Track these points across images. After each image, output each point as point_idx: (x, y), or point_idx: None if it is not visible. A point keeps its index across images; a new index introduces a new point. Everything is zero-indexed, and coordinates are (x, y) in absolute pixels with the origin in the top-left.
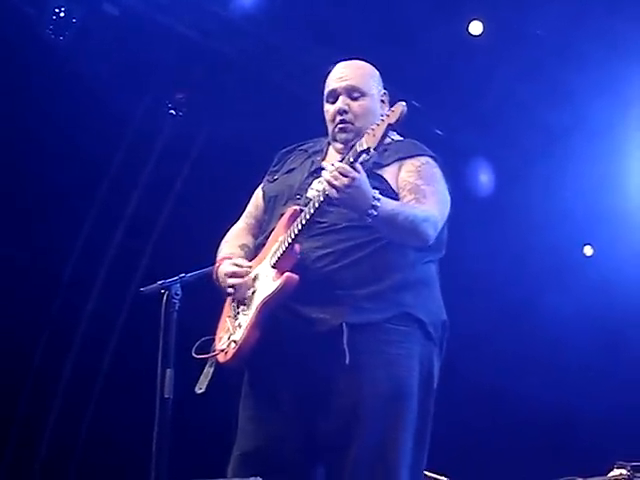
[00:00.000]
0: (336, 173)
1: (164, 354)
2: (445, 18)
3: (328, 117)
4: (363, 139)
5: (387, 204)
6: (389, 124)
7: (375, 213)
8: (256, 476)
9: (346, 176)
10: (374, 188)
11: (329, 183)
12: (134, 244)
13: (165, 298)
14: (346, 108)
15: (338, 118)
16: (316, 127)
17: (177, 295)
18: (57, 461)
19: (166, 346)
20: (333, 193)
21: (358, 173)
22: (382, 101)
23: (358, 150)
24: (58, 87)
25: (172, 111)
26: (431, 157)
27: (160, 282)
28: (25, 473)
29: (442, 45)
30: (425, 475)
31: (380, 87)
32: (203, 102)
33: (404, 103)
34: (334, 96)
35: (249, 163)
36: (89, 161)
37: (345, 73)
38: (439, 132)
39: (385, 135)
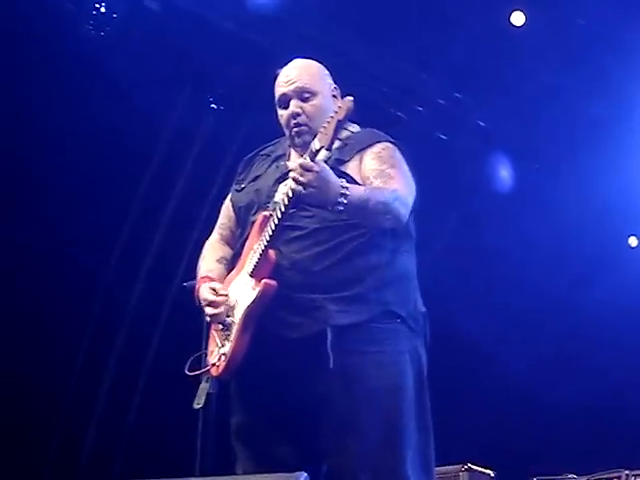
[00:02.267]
0: (300, 170)
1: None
2: (487, 9)
3: (283, 122)
4: (316, 139)
5: (355, 191)
6: (338, 120)
7: (345, 201)
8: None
9: (309, 170)
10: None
11: (295, 180)
12: (176, 240)
13: None
14: (299, 111)
15: (292, 122)
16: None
17: None
18: (102, 459)
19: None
20: (300, 190)
21: (322, 168)
22: (334, 96)
23: (313, 150)
24: (98, 83)
25: (213, 105)
26: (390, 142)
27: None
28: (70, 470)
29: (484, 36)
30: (470, 468)
31: (330, 82)
32: (243, 96)
33: (351, 98)
34: (285, 101)
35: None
36: (130, 157)
37: (292, 75)
38: (481, 123)
39: (337, 132)
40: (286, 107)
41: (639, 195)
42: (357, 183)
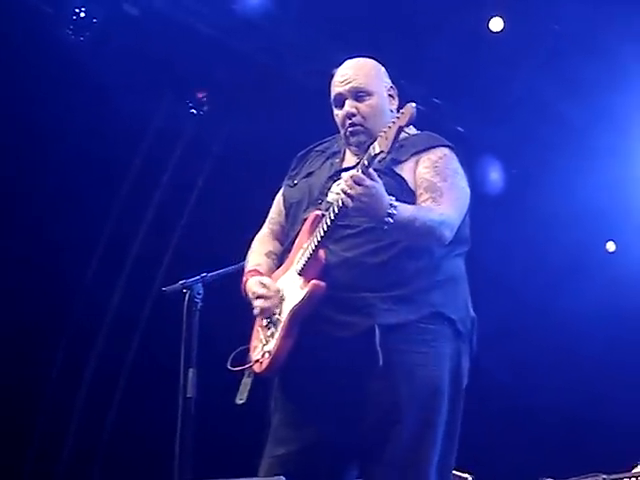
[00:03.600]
0: (351, 182)
1: (186, 354)
2: (465, 15)
3: (338, 122)
4: (376, 143)
5: (403, 211)
6: (400, 126)
7: (391, 221)
8: None
9: (360, 184)
10: (391, 188)
11: (344, 192)
12: (156, 244)
13: (187, 297)
14: (354, 111)
15: (347, 122)
16: (337, 126)
17: (199, 294)
18: (80, 461)
19: (188, 345)
20: (348, 202)
21: (373, 181)
22: (390, 96)
23: (372, 154)
24: (78, 87)
25: (193, 110)
26: (448, 147)
27: (182, 281)
28: (48, 473)
29: (462, 42)
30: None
31: (386, 81)
32: (224, 101)
33: (414, 104)
34: (341, 100)
35: (269, 161)
36: (110, 161)
37: (348, 75)
38: (460, 129)
39: (397, 137)
40: (341, 107)
41: (617, 199)
42: (409, 187)
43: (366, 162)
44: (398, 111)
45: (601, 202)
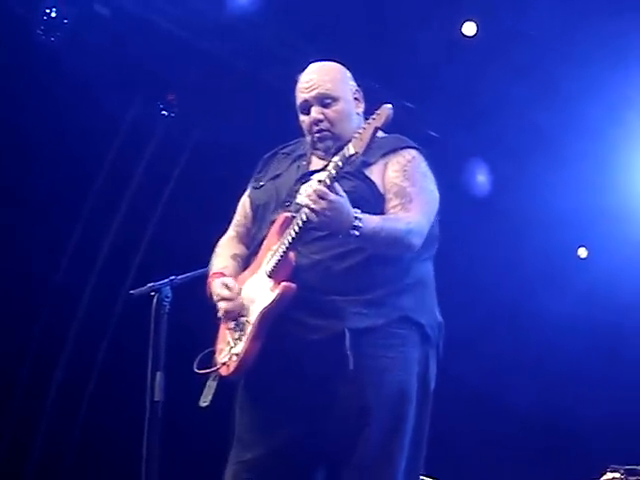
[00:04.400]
0: (315, 196)
1: (154, 357)
2: (439, 19)
3: (305, 127)
4: (350, 144)
5: (369, 222)
6: (376, 127)
7: (357, 233)
8: None
9: (324, 199)
10: (362, 191)
11: (308, 207)
12: (125, 246)
13: (155, 301)
14: (321, 117)
15: (315, 128)
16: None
17: (167, 298)
18: (49, 464)
19: (156, 349)
20: (313, 217)
21: (337, 195)
22: (356, 99)
23: (346, 155)
24: (49, 88)
25: (164, 112)
26: (416, 149)
27: (150, 284)
28: (16, 475)
29: (435, 46)
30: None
31: (351, 84)
32: (195, 103)
33: (390, 105)
34: (306, 107)
35: (241, 164)
36: (80, 162)
37: (313, 80)
38: (433, 134)
39: (373, 138)
40: (307, 113)
41: (589, 205)
42: (379, 191)
43: (340, 163)
44: (366, 114)
45: (573, 208)
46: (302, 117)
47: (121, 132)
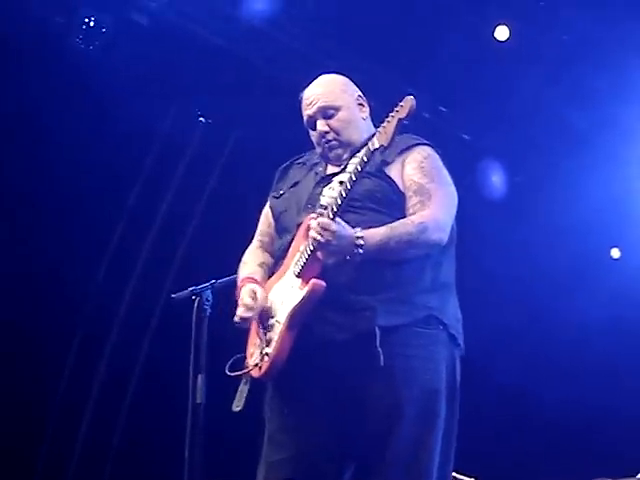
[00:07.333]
0: (319, 229)
1: (195, 360)
2: (471, 23)
3: (314, 141)
4: (375, 138)
5: (372, 237)
6: (399, 119)
7: (361, 251)
8: None
9: (327, 229)
10: (382, 189)
11: (314, 239)
12: (165, 251)
13: (196, 304)
14: (326, 129)
15: (323, 140)
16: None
17: (208, 301)
18: (90, 467)
19: (197, 352)
20: (321, 249)
21: (337, 224)
22: (360, 104)
23: (371, 149)
24: (88, 96)
25: (201, 118)
26: (430, 146)
27: (191, 288)
28: (59, 477)
29: (468, 50)
30: (454, 477)
31: (352, 91)
32: (231, 109)
33: (412, 97)
34: (312, 122)
35: (276, 168)
36: (118, 170)
37: (313, 96)
38: (465, 136)
39: (397, 130)
40: (314, 128)
41: (621, 206)
42: (398, 189)
43: (365, 158)
44: (375, 120)
45: (605, 209)
46: (311, 132)
47: (158, 139)
